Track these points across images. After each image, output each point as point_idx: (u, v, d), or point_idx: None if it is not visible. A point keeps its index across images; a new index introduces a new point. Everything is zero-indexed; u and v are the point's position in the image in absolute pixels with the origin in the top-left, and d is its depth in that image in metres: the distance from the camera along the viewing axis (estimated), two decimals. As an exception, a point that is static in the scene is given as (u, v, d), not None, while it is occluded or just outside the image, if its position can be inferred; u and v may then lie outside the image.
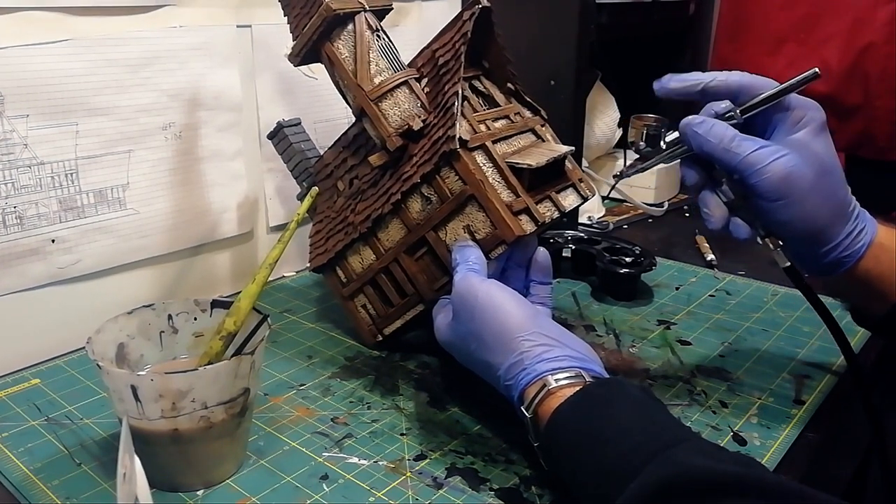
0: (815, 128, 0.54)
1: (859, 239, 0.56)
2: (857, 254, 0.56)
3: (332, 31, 0.66)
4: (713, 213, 0.57)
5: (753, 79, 0.55)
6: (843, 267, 0.56)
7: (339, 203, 0.73)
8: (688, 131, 0.55)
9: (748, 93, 0.55)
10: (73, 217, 0.71)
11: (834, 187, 0.55)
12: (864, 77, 1.20)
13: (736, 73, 0.56)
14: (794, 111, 0.54)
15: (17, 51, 0.65)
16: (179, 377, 0.48)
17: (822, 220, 0.54)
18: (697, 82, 0.56)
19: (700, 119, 0.55)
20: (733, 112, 0.55)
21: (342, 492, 0.52)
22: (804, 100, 0.55)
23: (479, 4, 0.66)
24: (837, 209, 0.55)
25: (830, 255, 0.56)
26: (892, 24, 1.17)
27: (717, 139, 0.54)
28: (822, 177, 0.53)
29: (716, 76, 0.56)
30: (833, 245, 0.55)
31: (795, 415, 0.62)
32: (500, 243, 0.61)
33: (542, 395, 0.49)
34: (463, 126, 0.61)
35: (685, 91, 0.56)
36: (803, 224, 0.54)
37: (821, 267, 0.57)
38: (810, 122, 0.54)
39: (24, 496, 0.52)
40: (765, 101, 0.54)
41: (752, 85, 0.55)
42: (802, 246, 0.56)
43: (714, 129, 0.54)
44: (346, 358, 0.72)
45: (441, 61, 0.66)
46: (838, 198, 0.55)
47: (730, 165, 0.54)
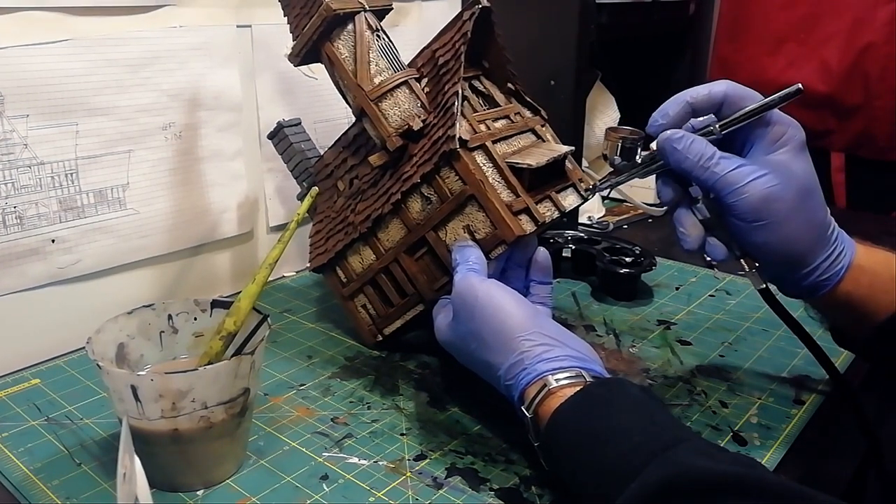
0: (794, 147, 0.53)
1: (838, 262, 0.54)
2: (835, 277, 0.54)
3: (332, 31, 0.67)
4: (689, 233, 0.55)
5: (737, 89, 0.53)
6: (821, 290, 0.55)
7: (340, 203, 0.73)
8: (666, 146, 0.53)
9: (733, 104, 0.53)
10: (73, 217, 0.71)
11: (814, 210, 0.53)
12: (864, 77, 1.20)
13: (721, 83, 0.53)
14: (774, 128, 0.52)
15: (17, 51, 0.65)
16: (179, 377, 0.48)
17: (801, 244, 0.53)
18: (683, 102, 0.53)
19: (679, 134, 0.53)
20: (712, 127, 0.53)
21: (342, 492, 0.52)
22: (785, 117, 0.53)
23: (479, 4, 0.66)
24: (817, 232, 0.53)
25: (809, 279, 0.54)
26: (892, 24, 1.17)
27: (696, 156, 0.52)
28: (801, 199, 0.52)
29: (698, 91, 0.53)
30: (812, 268, 0.54)
31: (795, 415, 0.62)
32: (500, 243, 0.61)
33: (542, 395, 0.49)
34: (463, 126, 0.61)
35: (678, 117, 0.54)
36: (781, 247, 0.52)
37: (799, 290, 0.56)
38: (790, 141, 0.52)
39: (24, 496, 0.52)
40: (745, 116, 0.52)
41: (737, 96, 0.53)
42: (780, 269, 0.55)
43: (693, 145, 0.52)
44: (346, 358, 0.72)
45: (441, 61, 0.66)
46: (817, 220, 0.54)
47: (707, 184, 0.52)
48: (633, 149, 0.57)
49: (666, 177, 0.56)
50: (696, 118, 0.54)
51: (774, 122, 0.52)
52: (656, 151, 0.55)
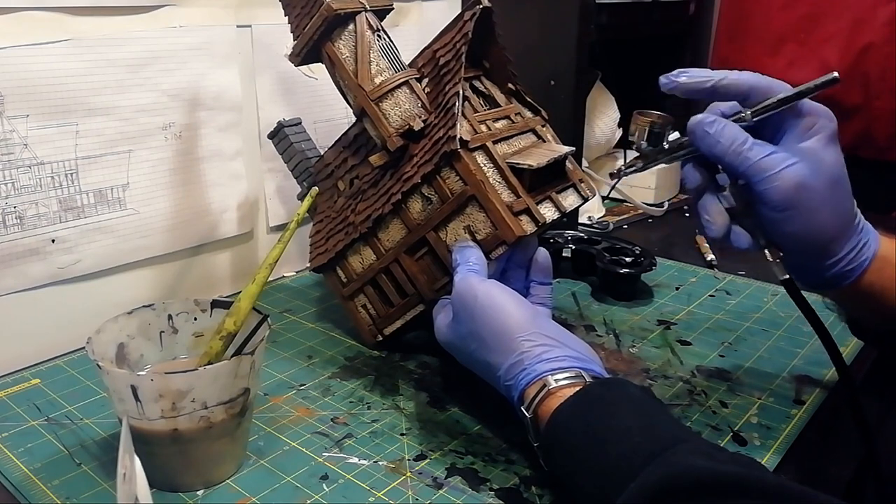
0: (826, 136, 0.52)
1: (863, 252, 0.54)
2: (860, 267, 0.54)
3: (333, 31, 0.66)
4: (714, 220, 0.54)
5: (765, 80, 0.52)
6: (846, 281, 0.54)
7: (340, 203, 0.73)
8: (698, 131, 0.52)
9: (759, 94, 0.52)
10: (73, 217, 0.71)
11: (842, 199, 0.53)
12: (864, 77, 1.20)
13: (748, 74, 0.53)
14: (806, 118, 0.52)
15: (17, 51, 0.65)
16: (179, 377, 0.48)
17: (829, 233, 0.52)
18: (707, 79, 0.53)
19: (712, 118, 0.52)
20: (743, 114, 0.52)
21: (342, 492, 0.52)
22: (817, 106, 0.53)
23: (480, 5, 0.66)
24: (844, 222, 0.53)
25: (834, 269, 0.54)
26: (892, 24, 1.17)
27: (729, 141, 0.51)
28: (832, 188, 0.51)
29: (728, 74, 0.53)
30: (837, 258, 0.53)
31: (795, 415, 0.62)
32: (500, 244, 0.61)
33: (542, 396, 0.49)
34: (464, 126, 0.61)
35: (695, 88, 0.53)
36: (810, 236, 0.52)
37: (823, 280, 0.55)
38: (822, 130, 0.52)
39: (24, 496, 0.52)
40: (778, 103, 0.51)
41: (764, 86, 0.52)
42: (805, 258, 0.54)
43: (726, 129, 0.51)
44: (346, 358, 0.72)
45: (442, 61, 0.66)
46: (845, 210, 0.53)
47: (738, 170, 0.51)
48: (661, 134, 0.56)
49: (693, 163, 0.55)
50: (721, 104, 0.54)
51: (807, 111, 0.52)
52: (684, 137, 0.54)
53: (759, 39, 1.31)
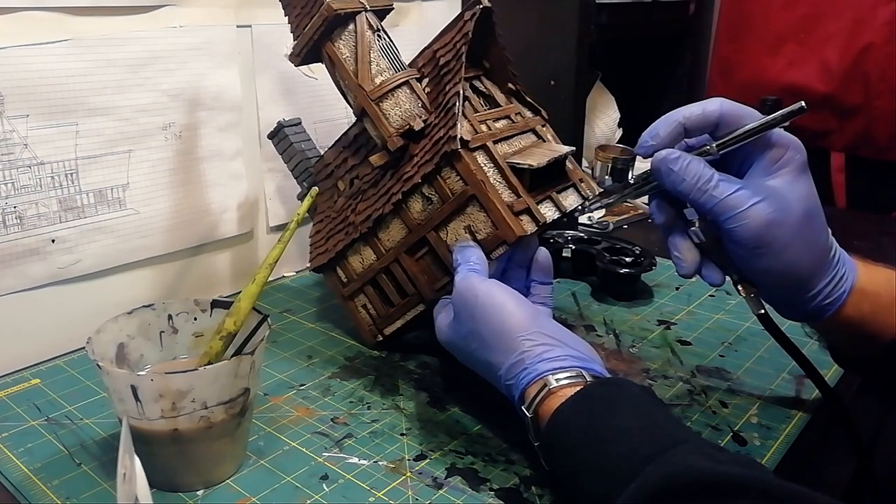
0: (795, 168, 0.50)
1: (840, 286, 0.52)
2: (838, 301, 0.52)
3: (333, 31, 0.66)
4: (684, 258, 0.53)
5: (734, 107, 0.50)
6: (824, 314, 0.53)
7: (340, 203, 0.73)
8: (662, 167, 0.51)
9: (729, 123, 0.50)
10: (73, 217, 0.71)
11: (816, 234, 0.51)
12: (864, 77, 1.21)
13: (715, 102, 0.50)
14: (774, 149, 0.50)
15: (17, 51, 0.65)
16: (179, 377, 0.48)
17: (803, 270, 0.51)
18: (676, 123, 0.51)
19: (676, 154, 0.50)
20: (709, 146, 0.51)
21: (342, 492, 0.52)
22: (785, 136, 0.50)
23: (480, 5, 0.66)
24: (819, 257, 0.51)
25: (811, 304, 0.52)
26: (892, 24, 1.17)
27: (693, 178, 0.49)
28: (803, 223, 0.50)
29: (692, 111, 0.50)
30: (814, 293, 0.52)
31: (795, 415, 0.62)
32: (501, 244, 0.61)
33: (542, 395, 0.49)
34: (464, 126, 0.61)
35: (668, 144, 0.51)
36: (783, 273, 0.51)
37: (800, 314, 0.54)
38: (790, 162, 0.50)
39: (24, 496, 0.52)
40: (745, 135, 0.50)
41: (734, 114, 0.50)
42: (781, 294, 0.53)
43: (690, 166, 0.50)
44: (346, 358, 0.72)
45: (442, 61, 0.66)
46: (819, 244, 0.51)
47: (705, 207, 0.50)
48: (624, 169, 0.55)
49: (660, 198, 0.54)
50: (690, 138, 0.52)
51: (774, 142, 0.50)
52: (650, 172, 0.53)
53: (759, 39, 1.31)
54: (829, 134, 1.28)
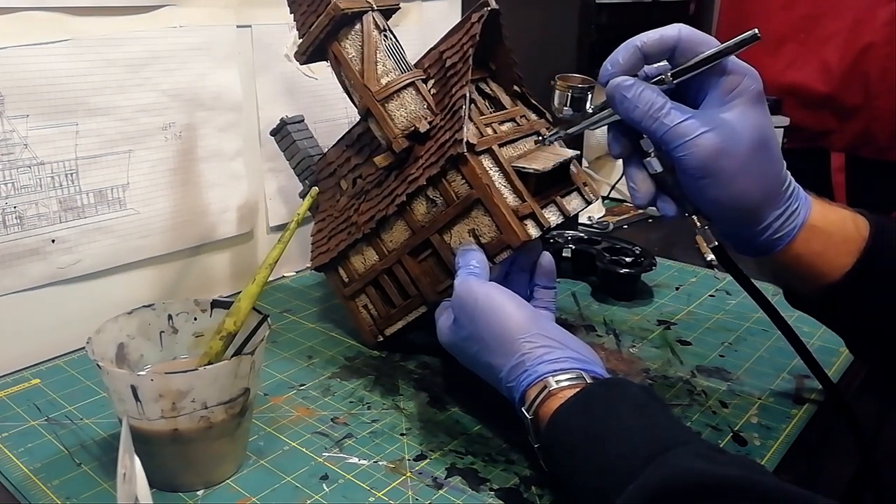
0: (750, 97, 0.49)
1: (791, 220, 0.52)
2: (788, 235, 0.52)
3: (340, 31, 0.66)
4: (639, 188, 0.53)
5: (693, 33, 0.50)
6: (774, 248, 0.53)
7: (342, 202, 0.73)
8: (615, 94, 0.50)
9: (687, 49, 0.50)
10: (73, 217, 0.71)
11: (767, 165, 0.50)
12: (864, 77, 1.20)
13: (673, 27, 0.50)
14: (729, 77, 0.49)
15: (17, 51, 0.65)
16: (179, 377, 0.48)
17: (753, 201, 0.50)
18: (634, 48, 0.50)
19: (630, 82, 0.50)
20: (665, 76, 0.50)
21: (342, 492, 0.52)
22: (742, 65, 0.50)
23: (488, 7, 0.65)
24: (770, 189, 0.51)
25: (762, 237, 0.52)
26: (892, 24, 1.17)
27: (646, 105, 0.49)
28: (755, 153, 0.49)
29: (650, 36, 0.50)
30: (764, 226, 0.51)
31: (795, 415, 0.62)
32: (505, 248, 0.61)
33: (542, 397, 0.49)
34: (470, 129, 0.61)
35: (628, 68, 0.51)
36: (732, 203, 0.50)
37: (751, 248, 0.54)
38: (745, 92, 0.49)
39: (24, 496, 0.52)
40: (699, 63, 0.49)
41: (692, 40, 0.50)
42: (730, 225, 0.53)
43: (644, 93, 0.49)
44: (347, 358, 0.72)
45: (448, 63, 0.66)
46: (771, 176, 0.51)
47: (656, 135, 0.49)
48: (582, 98, 0.54)
49: (617, 129, 0.53)
50: (649, 66, 0.52)
51: (730, 70, 0.49)
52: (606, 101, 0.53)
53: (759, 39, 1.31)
54: (829, 134, 1.28)
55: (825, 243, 0.53)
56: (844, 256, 0.52)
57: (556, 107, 0.56)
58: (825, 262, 0.53)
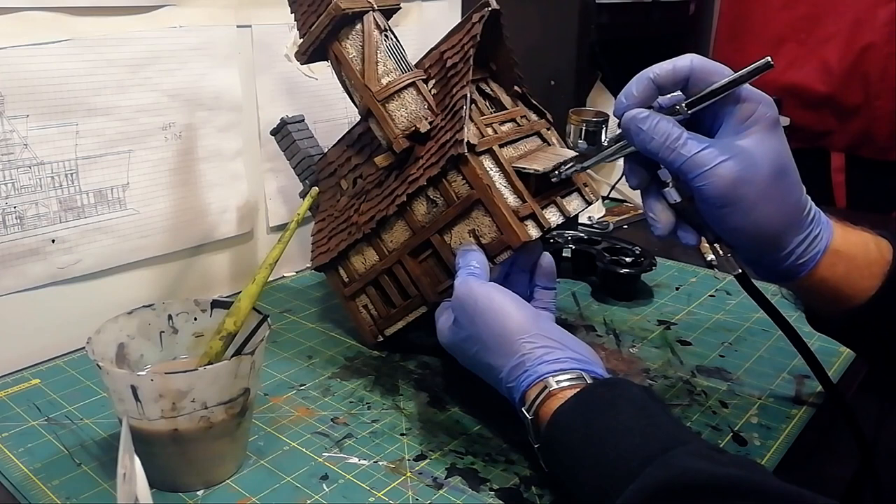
0: (766, 124, 0.49)
1: (814, 245, 0.52)
2: (812, 261, 0.52)
3: (341, 31, 0.66)
4: (659, 219, 0.53)
5: (704, 63, 0.50)
6: (798, 274, 0.52)
7: (343, 202, 0.73)
8: (631, 127, 0.51)
9: (700, 79, 0.50)
10: (73, 217, 0.71)
11: (787, 191, 0.50)
12: (864, 77, 1.21)
13: (685, 59, 0.50)
14: (744, 105, 0.49)
15: (17, 51, 0.65)
16: (179, 377, 0.48)
17: (774, 228, 0.50)
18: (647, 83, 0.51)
19: (644, 114, 0.50)
20: (679, 106, 0.50)
21: (342, 492, 0.52)
22: (756, 93, 0.50)
23: (489, 7, 0.65)
24: (791, 215, 0.51)
25: (785, 263, 0.52)
26: (892, 24, 1.17)
27: (662, 137, 0.49)
28: (774, 181, 0.49)
29: (662, 67, 0.50)
30: (787, 252, 0.51)
31: (795, 415, 0.62)
32: (505, 249, 0.61)
33: (543, 397, 0.49)
34: (470, 130, 0.61)
35: (643, 102, 0.51)
36: (753, 231, 0.50)
37: (775, 274, 0.54)
38: (761, 119, 0.49)
39: (24, 496, 0.52)
40: (713, 92, 0.49)
41: (704, 70, 0.50)
42: (753, 253, 0.53)
43: (659, 125, 0.49)
44: (347, 358, 0.72)
45: (449, 63, 0.66)
46: (792, 202, 0.51)
47: (673, 166, 0.50)
48: (596, 132, 0.54)
49: (633, 160, 0.53)
50: (663, 96, 0.52)
51: (744, 98, 0.50)
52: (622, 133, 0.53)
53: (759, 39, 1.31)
54: (829, 134, 1.28)
55: (849, 267, 0.53)
56: (868, 280, 0.52)
57: (572, 140, 0.56)
58: (850, 286, 0.53)
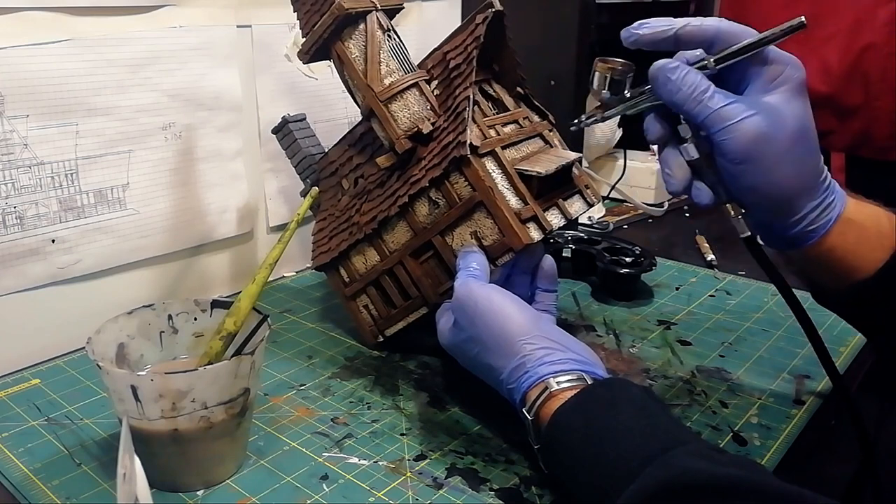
0: (793, 87, 0.50)
1: (827, 212, 0.52)
2: (823, 227, 0.52)
3: (344, 30, 0.66)
4: (674, 174, 0.52)
5: (732, 26, 0.50)
6: (808, 241, 0.52)
7: (344, 201, 0.73)
8: (660, 76, 0.50)
9: (725, 41, 0.50)
10: (73, 217, 0.71)
11: (807, 154, 0.50)
12: (864, 77, 1.20)
13: (713, 19, 0.50)
14: (772, 66, 0.50)
15: (17, 51, 0.65)
16: (179, 377, 0.48)
17: (791, 190, 0.50)
18: (669, 27, 0.50)
19: (675, 64, 0.50)
20: (707, 61, 0.50)
21: (342, 492, 0.52)
22: (784, 55, 0.50)
23: (493, 8, 0.65)
24: (808, 178, 0.51)
25: (796, 228, 0.52)
26: (892, 24, 1.17)
27: (690, 88, 0.49)
28: (795, 142, 0.49)
29: (690, 21, 0.50)
30: (800, 217, 0.51)
31: (795, 415, 0.62)
32: (507, 251, 0.61)
33: (543, 398, 0.49)
34: (473, 131, 0.61)
35: (657, 38, 0.51)
36: (769, 191, 0.50)
37: (785, 240, 0.53)
38: (788, 80, 0.49)
39: (24, 496, 0.52)
40: (742, 50, 0.49)
41: (731, 32, 0.50)
42: (766, 215, 0.52)
43: (688, 76, 0.49)
44: (347, 358, 0.72)
45: (452, 64, 0.66)
46: (809, 166, 0.51)
47: (698, 118, 0.49)
48: (622, 81, 0.54)
49: (655, 113, 0.53)
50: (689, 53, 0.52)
51: (772, 59, 0.50)
52: (646, 86, 0.52)
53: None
54: (829, 134, 1.28)
55: (859, 237, 0.52)
56: (878, 251, 0.52)
57: (595, 89, 0.55)
58: (859, 257, 0.53)
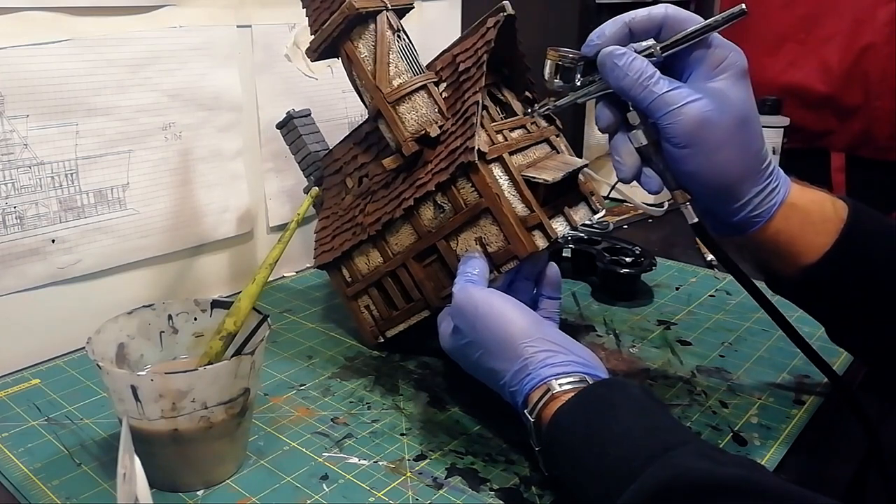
0: (735, 73, 0.51)
1: (771, 198, 0.53)
2: (768, 213, 0.53)
3: (353, 30, 0.65)
4: (624, 161, 0.53)
5: (678, 12, 0.52)
6: (753, 227, 0.53)
7: (348, 200, 0.73)
8: (607, 62, 0.51)
9: (672, 28, 0.52)
10: (73, 217, 0.71)
11: (750, 139, 0.52)
12: (864, 77, 1.20)
13: (661, 6, 0.52)
14: (716, 52, 0.51)
15: (17, 51, 0.65)
16: (179, 377, 0.48)
17: (733, 175, 0.51)
18: (621, 24, 0.52)
19: (622, 51, 0.51)
20: (653, 49, 0.52)
21: (342, 492, 0.52)
22: (727, 42, 0.52)
23: (504, 12, 0.65)
24: (750, 164, 0.52)
25: (741, 214, 0.53)
26: (892, 25, 1.17)
27: (636, 74, 0.50)
28: (737, 127, 0.50)
29: (638, 13, 0.52)
30: (743, 202, 0.52)
31: (795, 415, 0.62)
32: (512, 258, 0.60)
33: (545, 400, 0.49)
34: (481, 137, 0.61)
35: (614, 40, 0.52)
36: (713, 176, 0.51)
37: (730, 225, 0.54)
38: (731, 67, 0.51)
39: (24, 496, 0.52)
40: (687, 37, 0.51)
41: (677, 19, 0.52)
42: (711, 200, 0.53)
43: (634, 62, 0.51)
44: (347, 358, 0.72)
45: (462, 68, 0.65)
46: (752, 151, 0.52)
47: (643, 103, 0.51)
48: (571, 69, 0.54)
49: (605, 100, 0.54)
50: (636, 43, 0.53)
51: (715, 45, 0.51)
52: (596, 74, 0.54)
53: (759, 39, 1.31)
54: (829, 134, 1.28)
55: (803, 221, 0.53)
56: (823, 236, 0.53)
57: (547, 78, 0.56)
58: (804, 242, 0.53)
